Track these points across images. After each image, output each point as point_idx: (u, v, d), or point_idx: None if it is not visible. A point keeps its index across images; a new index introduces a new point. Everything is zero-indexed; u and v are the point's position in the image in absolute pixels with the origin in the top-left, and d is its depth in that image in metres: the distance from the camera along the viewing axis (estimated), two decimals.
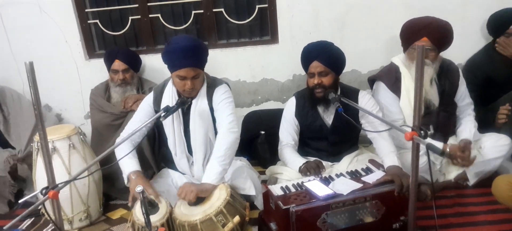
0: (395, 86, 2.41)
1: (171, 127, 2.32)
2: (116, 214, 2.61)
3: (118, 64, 2.80)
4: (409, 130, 1.45)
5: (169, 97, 2.28)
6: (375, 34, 2.99)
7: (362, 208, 1.87)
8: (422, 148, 1.48)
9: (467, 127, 2.46)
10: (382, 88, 2.46)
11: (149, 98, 2.38)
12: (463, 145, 2.30)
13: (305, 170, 2.20)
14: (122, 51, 2.86)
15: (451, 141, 2.51)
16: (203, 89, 2.30)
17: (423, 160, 2.21)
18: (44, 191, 1.46)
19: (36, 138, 2.35)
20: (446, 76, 2.42)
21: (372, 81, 2.65)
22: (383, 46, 3.01)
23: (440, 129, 2.47)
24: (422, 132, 1.43)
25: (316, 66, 2.24)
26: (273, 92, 3.21)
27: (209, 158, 2.34)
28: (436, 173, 2.43)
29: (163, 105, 2.27)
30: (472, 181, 2.45)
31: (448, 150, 2.34)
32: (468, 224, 2.17)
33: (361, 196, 1.87)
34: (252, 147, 3.04)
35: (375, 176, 2.04)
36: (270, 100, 3.24)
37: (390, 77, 2.45)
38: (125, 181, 2.22)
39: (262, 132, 3.01)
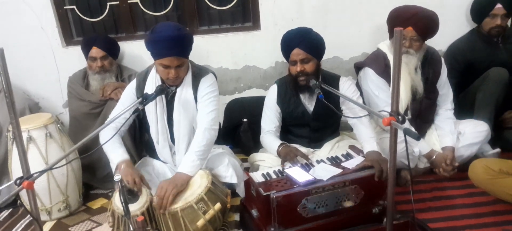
0: (385, 73, 2.41)
1: (154, 115, 2.28)
2: (97, 204, 2.58)
3: (96, 52, 2.73)
4: (387, 115, 1.46)
5: (152, 85, 2.24)
6: (357, 21, 2.99)
7: (341, 193, 1.89)
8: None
9: (447, 128, 2.49)
10: (371, 74, 2.45)
11: (132, 85, 2.34)
12: (450, 159, 2.34)
13: (284, 157, 2.19)
14: (99, 38, 2.80)
15: (429, 135, 2.56)
16: (188, 78, 2.26)
17: (402, 145, 2.24)
18: (18, 181, 1.43)
19: (10, 127, 2.29)
20: (429, 64, 2.45)
21: (358, 68, 2.64)
22: (366, 33, 3.01)
23: (421, 116, 2.50)
24: (400, 117, 1.44)
25: (297, 53, 2.22)
26: (256, 80, 3.20)
27: None
28: (415, 159, 2.46)
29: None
30: None
31: (434, 157, 2.38)
32: (445, 208, 2.21)
33: (341, 181, 1.89)
34: (235, 134, 3.03)
35: (355, 161, 2.06)
36: (252, 88, 3.22)
37: (379, 63, 2.45)
38: (113, 170, 2.17)
39: (245, 120, 3.00)
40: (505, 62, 2.69)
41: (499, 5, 2.67)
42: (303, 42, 2.22)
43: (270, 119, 2.45)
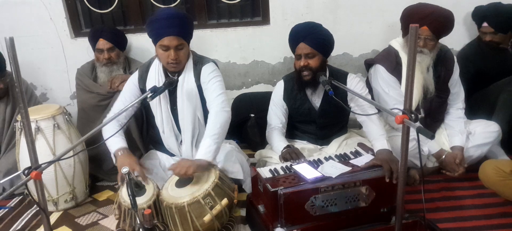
0: (396, 70, 2.38)
1: (158, 106, 2.28)
2: (103, 196, 2.58)
3: (102, 43, 2.73)
4: (400, 113, 1.43)
5: (155, 75, 2.24)
6: (368, 17, 2.96)
7: (351, 193, 1.85)
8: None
9: (457, 128, 2.47)
10: (382, 71, 2.42)
11: (134, 77, 2.34)
12: (460, 159, 2.33)
13: (286, 156, 2.17)
14: (106, 30, 2.79)
15: (438, 134, 2.53)
16: (189, 66, 2.25)
17: (412, 144, 2.22)
18: (26, 172, 1.42)
19: (19, 117, 2.29)
20: (442, 63, 2.42)
21: (368, 65, 2.61)
22: (376, 30, 2.98)
23: (432, 114, 2.48)
24: (412, 115, 1.42)
25: (303, 47, 2.20)
26: (264, 75, 3.18)
27: (198, 137, 2.33)
28: (424, 158, 2.44)
29: (148, 84, 2.23)
30: None
31: (444, 156, 2.36)
32: (454, 208, 2.19)
33: (351, 180, 1.85)
34: (241, 130, 3.02)
35: (364, 159, 2.03)
36: (260, 83, 3.20)
37: (390, 61, 2.42)
38: (113, 160, 2.18)
39: (252, 115, 2.99)
40: None
41: (485, 24, 2.67)
42: (309, 36, 2.19)
43: (276, 115, 2.43)
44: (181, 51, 2.15)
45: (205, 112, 2.27)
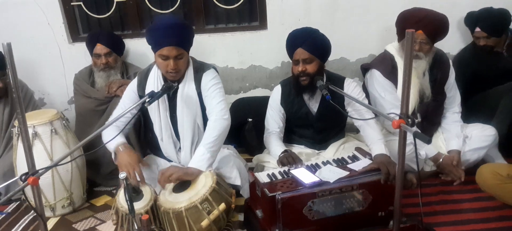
0: (392, 75, 2.39)
1: (157, 112, 2.27)
2: (100, 201, 2.57)
3: (100, 48, 2.73)
4: (397, 117, 1.44)
5: (154, 82, 2.23)
6: (366, 22, 2.97)
7: (348, 197, 1.86)
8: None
9: (453, 132, 2.47)
10: (378, 76, 2.43)
11: (133, 84, 2.33)
12: (457, 161, 2.34)
13: (283, 161, 2.18)
14: (103, 34, 2.79)
15: (435, 138, 2.54)
16: (190, 73, 2.25)
17: (409, 148, 2.22)
18: (23, 177, 1.42)
19: (16, 122, 2.28)
20: (438, 67, 2.43)
21: (365, 69, 2.62)
22: (374, 35, 2.99)
23: (428, 118, 2.49)
24: (409, 120, 1.42)
25: (300, 53, 2.21)
26: (261, 79, 3.18)
27: (198, 144, 2.32)
28: (421, 162, 2.45)
29: (147, 90, 2.22)
30: None
31: (441, 160, 2.37)
32: (452, 212, 2.19)
33: (348, 184, 1.86)
34: (239, 134, 3.02)
35: (362, 163, 2.04)
36: (258, 88, 3.21)
37: (386, 65, 2.43)
38: (113, 157, 2.17)
39: (250, 119, 2.99)
40: (510, 71, 2.67)
41: (478, 29, 2.69)
42: (307, 42, 2.20)
43: (274, 119, 2.43)
44: (180, 60, 2.14)
45: (205, 119, 2.27)
